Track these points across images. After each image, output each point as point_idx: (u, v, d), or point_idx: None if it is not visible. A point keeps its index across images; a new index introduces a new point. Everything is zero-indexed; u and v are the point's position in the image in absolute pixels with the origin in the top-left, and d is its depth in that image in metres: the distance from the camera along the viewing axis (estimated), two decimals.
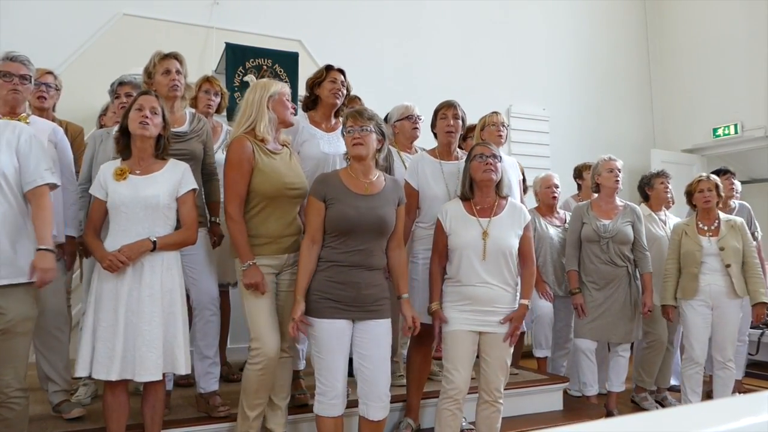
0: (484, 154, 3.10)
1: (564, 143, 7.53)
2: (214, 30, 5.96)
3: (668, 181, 4.72)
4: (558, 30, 7.97)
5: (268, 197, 2.91)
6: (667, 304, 4.26)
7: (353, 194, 2.85)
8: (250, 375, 2.90)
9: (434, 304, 3.11)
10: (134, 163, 2.83)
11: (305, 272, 2.82)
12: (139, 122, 2.75)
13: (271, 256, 2.92)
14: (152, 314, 2.69)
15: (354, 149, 2.87)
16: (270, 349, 2.87)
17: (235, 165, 2.88)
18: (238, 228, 2.87)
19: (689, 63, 8.14)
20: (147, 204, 2.75)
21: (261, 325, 2.89)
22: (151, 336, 2.67)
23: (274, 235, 2.93)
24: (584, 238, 4.24)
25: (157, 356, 2.67)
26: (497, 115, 3.84)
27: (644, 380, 4.62)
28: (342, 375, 2.81)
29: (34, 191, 2.56)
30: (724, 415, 1.13)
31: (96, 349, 2.65)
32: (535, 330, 4.72)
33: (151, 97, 2.85)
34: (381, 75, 6.46)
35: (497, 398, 3.12)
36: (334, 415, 2.81)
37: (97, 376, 2.66)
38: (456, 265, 3.09)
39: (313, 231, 2.84)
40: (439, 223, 3.15)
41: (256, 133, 2.93)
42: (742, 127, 7.53)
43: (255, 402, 2.94)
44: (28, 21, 5.27)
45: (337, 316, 2.78)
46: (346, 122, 2.92)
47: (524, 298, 3.13)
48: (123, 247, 2.68)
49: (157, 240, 2.73)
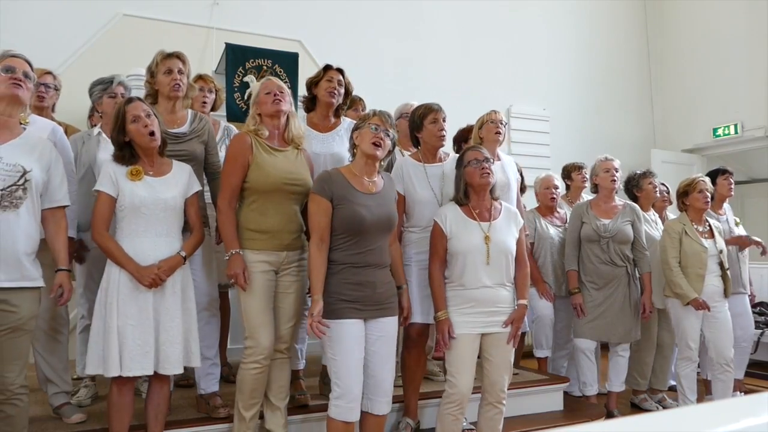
0: (478, 159, 3.09)
1: (564, 143, 7.53)
2: (214, 30, 5.96)
3: (656, 180, 4.71)
4: (558, 30, 7.98)
5: (264, 192, 2.92)
6: (694, 299, 4.02)
7: (361, 194, 2.85)
8: (245, 375, 2.91)
9: (442, 313, 3.05)
10: (145, 164, 2.84)
11: (320, 272, 2.78)
12: (149, 133, 2.76)
13: (270, 252, 2.92)
14: (174, 311, 2.78)
15: (373, 148, 2.86)
16: (264, 347, 2.88)
17: (231, 158, 2.94)
18: (225, 218, 2.91)
19: (689, 63, 8.15)
20: (167, 206, 2.79)
21: (255, 323, 2.89)
22: (175, 331, 2.76)
23: (274, 230, 2.93)
24: (584, 237, 4.24)
25: (179, 351, 2.77)
26: (495, 113, 3.82)
27: (638, 381, 4.60)
28: (358, 377, 2.79)
29: (55, 211, 2.67)
30: (726, 416, 1.13)
31: (126, 348, 2.67)
32: (535, 330, 4.71)
33: (137, 103, 2.84)
34: (381, 75, 6.46)
35: (501, 399, 3.12)
36: (350, 420, 2.78)
37: (131, 372, 2.68)
38: (459, 270, 3.06)
39: (321, 230, 2.80)
40: (438, 227, 3.11)
41: (258, 132, 2.98)
42: (742, 127, 7.54)
43: (251, 402, 2.94)
44: (27, 21, 5.27)
45: (353, 317, 2.78)
46: (369, 118, 2.92)
47: (522, 299, 3.14)
48: (162, 264, 2.73)
49: (186, 254, 2.84)
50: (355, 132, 2.96)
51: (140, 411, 2.92)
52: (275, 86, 3.03)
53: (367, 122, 2.91)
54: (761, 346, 5.65)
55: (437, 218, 3.13)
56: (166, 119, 3.10)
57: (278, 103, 2.99)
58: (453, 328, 3.03)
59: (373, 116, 2.93)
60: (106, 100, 3.53)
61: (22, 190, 2.50)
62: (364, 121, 2.94)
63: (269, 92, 3.00)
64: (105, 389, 2.84)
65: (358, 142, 2.92)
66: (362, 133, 2.90)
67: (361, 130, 2.92)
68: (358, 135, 2.92)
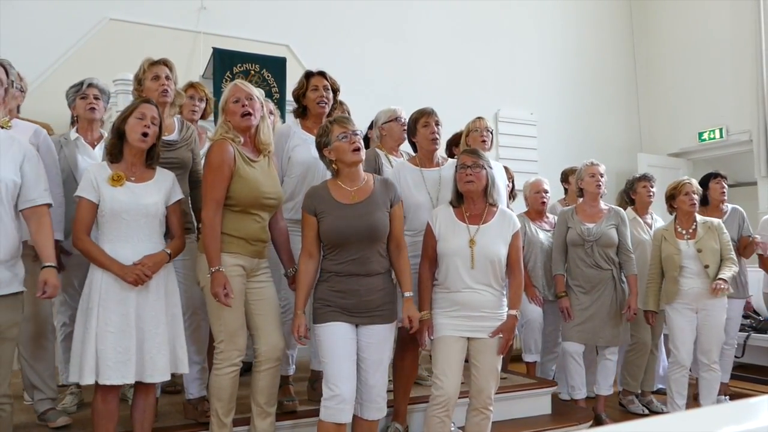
0: (465, 164, 3.09)
1: (552, 147, 7.57)
2: (202, 35, 5.95)
3: (651, 184, 4.75)
4: (545, 35, 8.02)
5: (245, 204, 2.90)
6: (648, 310, 4.29)
7: (341, 205, 2.86)
8: (223, 380, 2.86)
9: (425, 313, 3.06)
10: (126, 168, 2.80)
11: (304, 287, 2.87)
12: (141, 133, 2.74)
13: (244, 257, 2.91)
14: (158, 317, 2.73)
15: (355, 155, 2.85)
16: (242, 350, 2.89)
17: (214, 168, 2.84)
18: (210, 233, 2.80)
19: (675, 67, 8.21)
20: (148, 212, 2.76)
21: (234, 327, 2.87)
22: (160, 338, 2.72)
23: (251, 237, 2.92)
24: (569, 242, 4.27)
25: (166, 358, 2.73)
26: (481, 121, 3.84)
27: (630, 383, 4.64)
28: (349, 380, 2.78)
29: (35, 210, 2.62)
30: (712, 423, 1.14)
31: (105, 355, 2.62)
32: (524, 334, 4.72)
33: (153, 106, 2.84)
34: (368, 79, 6.46)
35: (488, 405, 3.11)
36: (340, 422, 2.78)
37: (109, 381, 2.62)
38: (444, 272, 3.08)
39: (308, 245, 2.89)
40: (430, 228, 3.13)
41: (234, 139, 2.90)
42: (728, 132, 7.61)
43: (230, 406, 2.92)
44: (13, 25, 5.22)
45: (341, 320, 2.80)
46: (331, 131, 2.87)
47: (513, 308, 3.11)
48: (144, 259, 2.69)
49: (171, 251, 2.79)
50: (324, 150, 2.91)
51: (126, 417, 2.90)
52: (243, 93, 2.91)
53: (331, 135, 2.86)
54: (748, 349, 5.68)
55: (429, 219, 3.16)
56: None
57: (248, 118, 2.90)
58: (434, 330, 3.05)
59: (332, 126, 2.88)
60: (78, 102, 3.49)
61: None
62: (327, 135, 2.88)
63: (237, 100, 2.90)
64: (91, 396, 2.80)
65: (336, 157, 2.88)
66: (336, 148, 2.86)
67: (331, 147, 2.87)
68: (331, 151, 2.88)
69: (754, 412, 1.13)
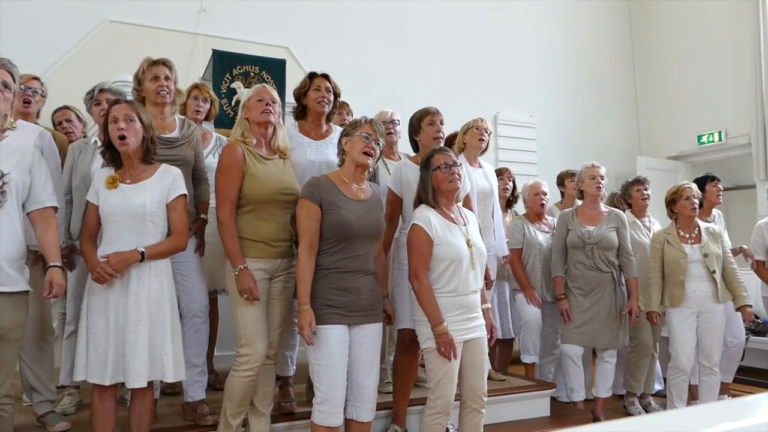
0: (447, 163, 3.01)
1: (551, 150, 7.58)
2: (201, 37, 5.95)
3: (645, 186, 4.76)
4: (545, 38, 8.03)
5: (260, 202, 2.91)
6: (652, 310, 4.26)
7: (350, 200, 2.85)
8: (237, 382, 2.88)
9: (443, 326, 2.87)
10: (125, 171, 2.83)
11: (307, 280, 2.77)
12: (118, 136, 2.74)
13: (265, 260, 2.92)
14: (138, 322, 2.68)
15: (364, 158, 2.87)
16: (261, 356, 2.88)
17: (224, 169, 2.90)
18: (229, 233, 2.86)
19: (674, 71, 8.23)
20: (134, 213, 2.74)
21: (253, 331, 2.88)
22: (137, 344, 2.67)
23: (269, 239, 2.93)
24: (569, 244, 4.27)
25: (141, 363, 2.67)
26: (482, 121, 3.89)
27: (632, 385, 4.64)
28: (341, 382, 2.79)
29: (42, 212, 2.65)
30: (709, 420, 1.14)
31: (89, 355, 2.68)
32: (522, 336, 4.72)
33: (122, 105, 2.81)
34: (368, 81, 6.46)
35: (483, 403, 3.09)
36: (334, 425, 2.78)
37: (92, 380, 2.68)
38: (448, 276, 2.95)
39: (311, 236, 2.79)
40: (425, 232, 2.92)
41: (246, 140, 2.96)
42: (726, 135, 7.62)
43: (239, 409, 2.94)
44: (13, 27, 5.22)
45: (337, 323, 2.78)
46: (360, 126, 2.91)
47: (484, 303, 3.16)
48: (110, 258, 2.67)
49: (145, 251, 2.72)
50: (344, 138, 2.95)
51: (125, 419, 2.90)
52: (268, 96, 3.01)
53: (358, 129, 2.90)
54: (747, 352, 5.67)
55: (421, 222, 2.95)
56: (156, 125, 3.08)
57: (267, 114, 2.98)
58: (455, 349, 2.90)
59: (364, 124, 2.93)
60: (93, 109, 3.55)
61: (0, 193, 2.49)
62: (355, 128, 2.93)
63: (261, 99, 2.99)
64: (89, 397, 2.81)
65: (348, 149, 2.91)
66: (353, 141, 2.90)
67: (351, 138, 2.90)
68: (348, 142, 2.91)
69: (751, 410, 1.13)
